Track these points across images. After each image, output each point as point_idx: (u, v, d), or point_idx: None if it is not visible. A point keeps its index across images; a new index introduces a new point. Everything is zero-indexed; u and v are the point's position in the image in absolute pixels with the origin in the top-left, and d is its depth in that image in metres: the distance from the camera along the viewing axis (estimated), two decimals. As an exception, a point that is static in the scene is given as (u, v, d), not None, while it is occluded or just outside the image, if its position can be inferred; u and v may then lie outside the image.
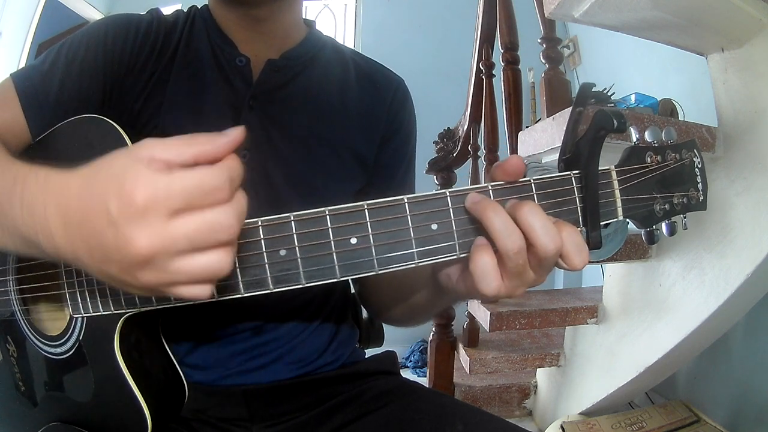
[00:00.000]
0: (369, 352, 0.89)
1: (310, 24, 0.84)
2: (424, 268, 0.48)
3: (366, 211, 0.44)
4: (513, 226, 0.43)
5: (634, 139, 0.49)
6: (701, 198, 0.50)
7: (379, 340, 0.94)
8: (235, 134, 0.40)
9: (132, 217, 0.36)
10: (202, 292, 0.39)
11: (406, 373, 3.05)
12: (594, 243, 0.46)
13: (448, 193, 0.45)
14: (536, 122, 1.42)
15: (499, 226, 0.43)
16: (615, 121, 0.43)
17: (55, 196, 0.41)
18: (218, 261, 0.38)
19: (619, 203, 0.48)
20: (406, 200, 0.45)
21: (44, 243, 0.42)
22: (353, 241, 0.44)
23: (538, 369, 2.08)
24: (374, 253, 0.44)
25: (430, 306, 0.67)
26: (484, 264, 0.44)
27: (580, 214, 0.47)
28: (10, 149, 0.66)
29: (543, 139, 1.28)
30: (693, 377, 1.88)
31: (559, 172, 0.47)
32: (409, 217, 0.45)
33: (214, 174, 0.38)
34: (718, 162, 1.28)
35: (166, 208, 0.36)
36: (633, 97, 1.48)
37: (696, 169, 0.50)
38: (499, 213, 0.43)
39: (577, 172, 0.47)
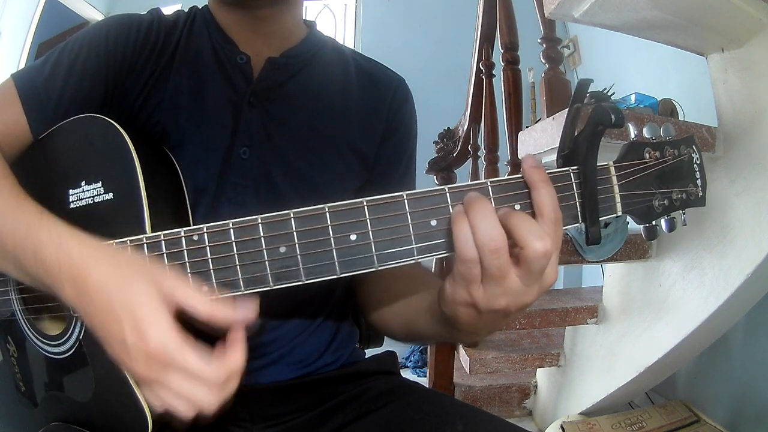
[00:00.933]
0: (369, 352, 0.89)
1: (310, 24, 0.84)
2: (425, 299, 0.54)
3: (365, 207, 0.44)
4: (495, 223, 0.43)
5: (633, 136, 0.49)
6: (700, 194, 0.50)
7: (379, 340, 0.94)
8: (249, 309, 0.46)
9: (141, 352, 0.44)
10: (156, 406, 0.47)
11: (406, 373, 3.05)
12: (593, 238, 0.46)
13: (447, 190, 0.45)
14: (536, 122, 1.42)
15: (480, 220, 0.43)
16: (612, 116, 0.43)
17: (70, 271, 0.47)
18: (182, 409, 0.46)
19: (617, 198, 0.48)
20: (405, 196, 0.45)
21: (58, 294, 0.49)
22: (353, 237, 0.44)
23: (538, 369, 2.08)
24: (374, 250, 0.44)
25: (429, 337, 0.67)
26: (461, 223, 0.44)
27: (579, 209, 0.47)
28: (11, 150, 0.66)
29: (543, 139, 1.28)
30: (693, 377, 1.88)
31: (558, 167, 0.47)
32: (408, 213, 0.45)
33: (214, 372, 0.44)
34: (718, 162, 1.28)
35: (168, 364, 0.44)
36: (633, 97, 1.48)
37: (695, 165, 0.50)
38: (485, 208, 0.43)
39: (575, 167, 0.47)
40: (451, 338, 0.69)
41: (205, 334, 0.46)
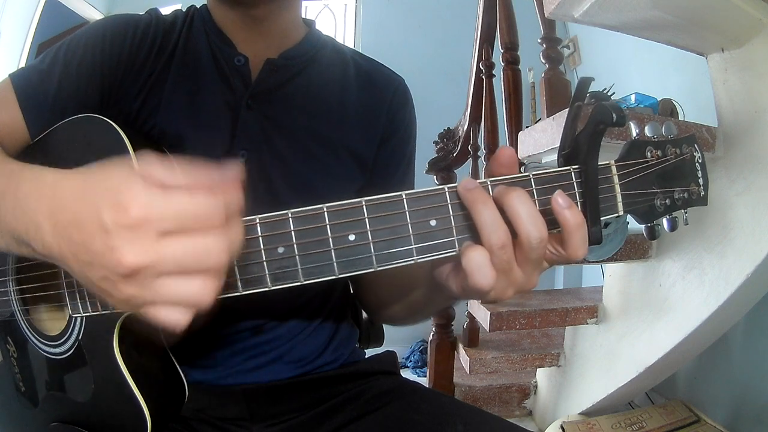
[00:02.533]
0: (369, 352, 0.89)
1: (309, 24, 0.83)
2: (420, 266, 0.48)
3: (364, 207, 0.44)
4: (500, 221, 0.43)
5: (634, 135, 0.49)
6: (702, 193, 0.50)
7: (379, 340, 0.94)
8: (235, 170, 0.40)
9: (124, 230, 0.36)
10: (178, 319, 0.38)
11: (406, 373, 3.05)
12: (594, 238, 0.45)
13: (446, 189, 0.45)
14: (536, 122, 1.42)
15: (487, 219, 0.43)
16: (614, 115, 0.43)
17: (47, 195, 0.42)
18: (201, 288, 0.38)
19: (619, 198, 0.47)
20: (404, 196, 0.44)
21: (34, 241, 0.43)
22: (351, 237, 0.44)
23: (538, 369, 2.08)
24: (373, 250, 0.44)
25: (427, 305, 0.66)
26: (477, 257, 0.43)
27: (580, 208, 0.46)
28: (9, 151, 0.66)
29: (543, 139, 1.28)
30: (693, 377, 1.88)
31: (559, 167, 0.47)
32: (407, 213, 0.45)
33: (210, 201, 0.37)
34: (718, 162, 1.28)
35: (158, 226, 0.36)
36: (633, 97, 1.48)
37: (696, 164, 0.50)
38: (489, 206, 0.43)
39: (576, 166, 0.46)
40: (449, 302, 0.69)
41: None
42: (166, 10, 0.78)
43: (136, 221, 0.36)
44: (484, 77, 2.00)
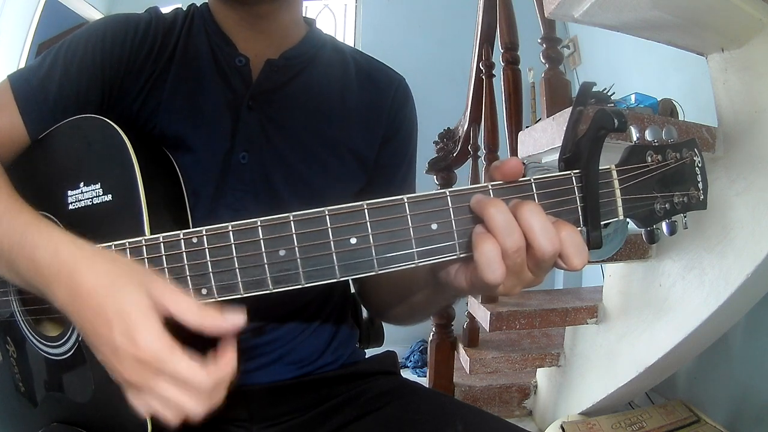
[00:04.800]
0: (369, 352, 0.89)
1: (310, 22, 0.83)
2: (423, 266, 0.49)
3: (366, 210, 0.44)
4: (514, 224, 0.43)
5: (635, 139, 0.49)
6: (702, 197, 0.50)
7: (379, 340, 0.94)
8: (237, 319, 0.46)
9: (129, 357, 0.44)
10: (142, 412, 0.46)
11: (406, 373, 3.05)
12: (594, 243, 0.45)
13: (448, 193, 0.45)
14: (536, 122, 1.42)
15: (500, 223, 0.43)
16: (615, 121, 0.43)
17: (65, 275, 0.47)
18: (169, 415, 0.45)
19: (619, 203, 0.47)
20: (405, 200, 0.45)
21: (50, 298, 0.49)
22: (353, 241, 0.44)
23: (538, 369, 2.08)
24: (374, 253, 0.44)
25: (431, 304, 0.66)
26: (489, 251, 0.43)
27: (580, 213, 0.46)
28: (8, 153, 0.66)
29: (543, 139, 1.28)
30: (693, 377, 1.88)
31: (560, 171, 0.47)
32: (408, 216, 0.45)
33: (204, 378, 0.44)
34: (718, 162, 1.28)
35: (157, 369, 0.44)
36: (633, 97, 1.47)
37: (696, 168, 0.50)
38: (501, 210, 0.43)
39: (577, 171, 0.46)
40: (453, 300, 0.69)
41: (196, 340, 0.46)
42: (166, 9, 0.78)
43: (140, 357, 0.43)
44: (484, 77, 1.99)
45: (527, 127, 1.47)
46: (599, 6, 1.13)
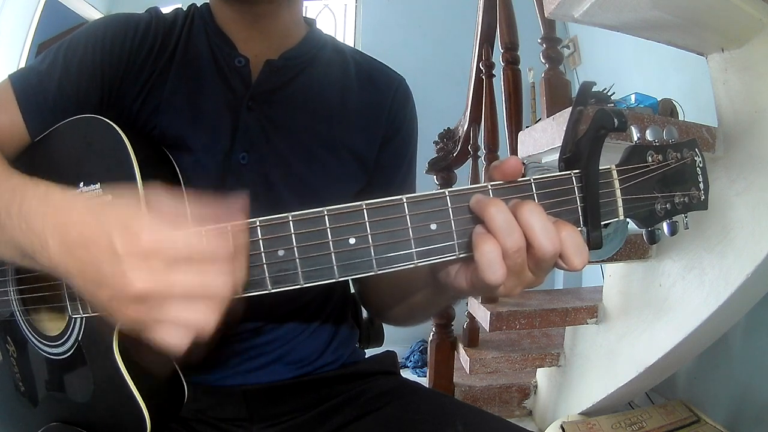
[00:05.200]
0: (369, 352, 0.89)
1: (310, 23, 0.83)
2: (423, 266, 0.49)
3: (365, 210, 0.44)
4: (514, 224, 0.43)
5: (635, 139, 0.49)
6: (702, 197, 0.50)
7: (379, 340, 0.94)
8: (241, 202, 0.43)
9: (134, 257, 0.39)
10: (179, 341, 0.40)
11: (406, 373, 3.05)
12: (595, 243, 0.45)
13: (447, 193, 0.45)
14: (536, 122, 1.42)
15: (501, 223, 0.43)
16: (615, 120, 0.43)
17: (55, 213, 0.44)
18: (203, 315, 0.40)
19: (619, 203, 0.47)
20: (405, 200, 0.44)
21: (39, 255, 0.45)
22: (352, 241, 0.44)
23: (538, 369, 2.08)
24: (373, 254, 0.44)
25: (430, 305, 0.66)
26: (490, 252, 0.43)
27: (580, 213, 0.46)
28: (9, 152, 0.66)
29: (543, 139, 1.28)
30: (693, 377, 1.88)
31: (560, 171, 0.47)
32: (408, 216, 0.45)
33: (219, 243, 0.41)
34: (718, 162, 1.28)
35: (168, 257, 0.39)
36: (633, 97, 1.48)
37: (697, 169, 0.50)
38: (502, 210, 0.43)
39: (577, 171, 0.46)
40: (452, 301, 0.69)
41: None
42: (166, 9, 0.78)
43: (146, 249, 0.39)
44: (484, 77, 1.99)
45: (527, 127, 1.47)
46: (599, 6, 1.13)
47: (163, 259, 0.39)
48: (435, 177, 2.24)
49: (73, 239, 0.42)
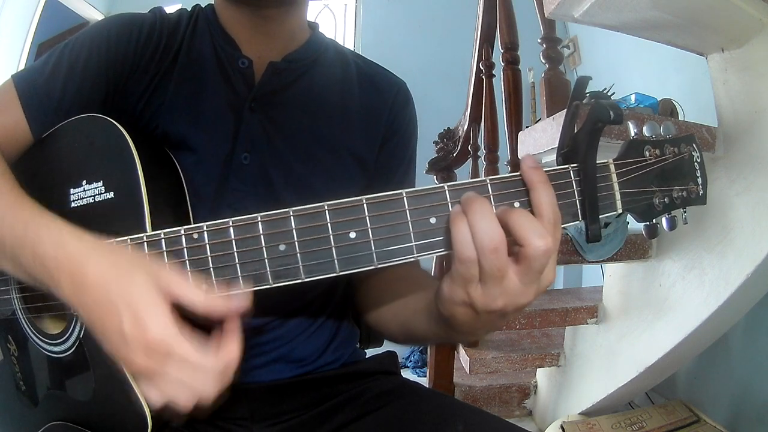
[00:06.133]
0: (369, 352, 0.89)
1: (313, 26, 0.83)
2: (425, 302, 0.55)
3: (365, 205, 0.44)
4: (494, 223, 0.43)
5: (633, 134, 0.49)
6: (701, 192, 0.50)
7: (379, 340, 0.94)
8: (241, 302, 0.46)
9: (139, 344, 0.44)
10: (155, 401, 0.46)
11: (406, 373, 3.05)
12: (593, 236, 0.46)
13: (446, 188, 0.45)
14: (536, 122, 1.42)
15: (479, 218, 0.43)
16: (612, 113, 0.43)
17: (68, 267, 0.48)
18: (182, 399, 0.46)
19: (617, 196, 0.48)
20: (404, 194, 0.45)
21: (54, 291, 0.49)
22: (352, 235, 0.44)
23: (538, 369, 2.08)
24: (373, 247, 0.45)
25: (432, 335, 0.65)
26: (459, 221, 0.43)
27: (579, 207, 0.47)
28: (11, 152, 0.66)
29: (543, 139, 1.28)
30: (693, 377, 1.88)
31: (558, 165, 0.47)
32: (407, 211, 0.45)
33: (213, 360, 0.45)
34: (718, 162, 1.28)
35: (167, 354, 0.44)
36: (633, 97, 1.48)
37: (695, 164, 0.50)
38: (484, 208, 0.43)
39: (575, 165, 0.47)
40: (449, 338, 0.69)
41: (201, 325, 0.46)
42: (169, 9, 0.78)
43: (150, 344, 0.44)
44: (484, 77, 2.00)
45: (527, 127, 1.48)
46: (599, 6, 1.13)
47: (163, 356, 0.44)
48: (435, 177, 2.24)
49: (86, 299, 0.47)
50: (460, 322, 0.50)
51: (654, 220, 0.49)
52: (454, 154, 2.19)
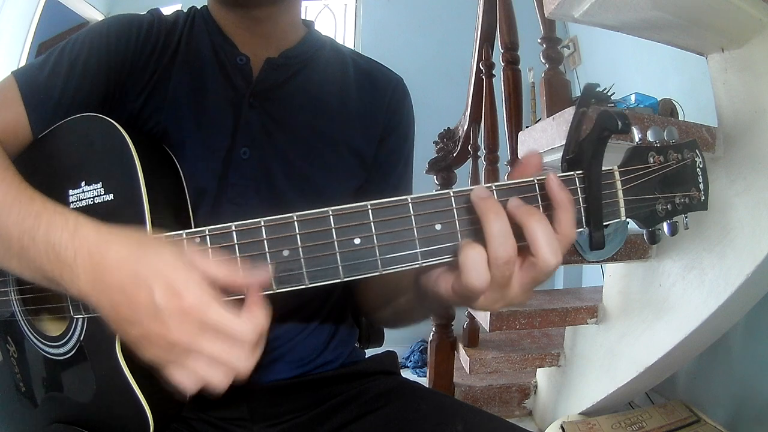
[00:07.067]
0: (369, 352, 0.89)
1: (308, 25, 0.84)
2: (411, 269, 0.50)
3: (369, 211, 0.44)
4: (509, 234, 0.43)
5: (637, 140, 0.49)
6: (702, 198, 0.50)
7: (379, 340, 0.94)
8: (263, 273, 0.45)
9: (175, 313, 0.42)
10: (190, 386, 0.44)
11: (406, 373, 3.05)
12: (597, 243, 0.46)
13: (452, 193, 0.45)
14: (536, 122, 1.42)
15: (497, 231, 0.43)
16: (619, 122, 0.43)
17: (88, 252, 0.46)
18: (218, 378, 0.44)
19: (621, 203, 0.48)
20: (410, 200, 0.45)
21: (67, 284, 0.47)
22: (357, 241, 0.44)
23: (538, 369, 2.08)
24: (378, 254, 0.44)
25: (414, 309, 0.66)
26: (475, 255, 0.43)
27: (583, 214, 0.47)
28: (11, 149, 0.66)
29: (543, 139, 1.28)
30: (693, 377, 1.88)
31: (562, 172, 0.47)
32: (412, 217, 0.45)
33: (248, 327, 0.44)
34: (718, 162, 1.28)
35: (202, 320, 0.43)
36: (633, 97, 1.48)
37: (698, 169, 0.50)
38: (501, 217, 0.43)
39: (580, 172, 0.47)
40: (434, 311, 0.70)
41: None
42: (166, 11, 0.79)
43: (188, 308, 0.42)
44: (484, 77, 1.99)
45: (527, 127, 1.48)
46: (599, 6, 1.13)
47: (199, 320, 0.42)
48: (435, 177, 2.24)
49: (109, 282, 0.44)
50: (449, 305, 0.51)
51: (656, 226, 0.49)
52: (454, 154, 2.19)
